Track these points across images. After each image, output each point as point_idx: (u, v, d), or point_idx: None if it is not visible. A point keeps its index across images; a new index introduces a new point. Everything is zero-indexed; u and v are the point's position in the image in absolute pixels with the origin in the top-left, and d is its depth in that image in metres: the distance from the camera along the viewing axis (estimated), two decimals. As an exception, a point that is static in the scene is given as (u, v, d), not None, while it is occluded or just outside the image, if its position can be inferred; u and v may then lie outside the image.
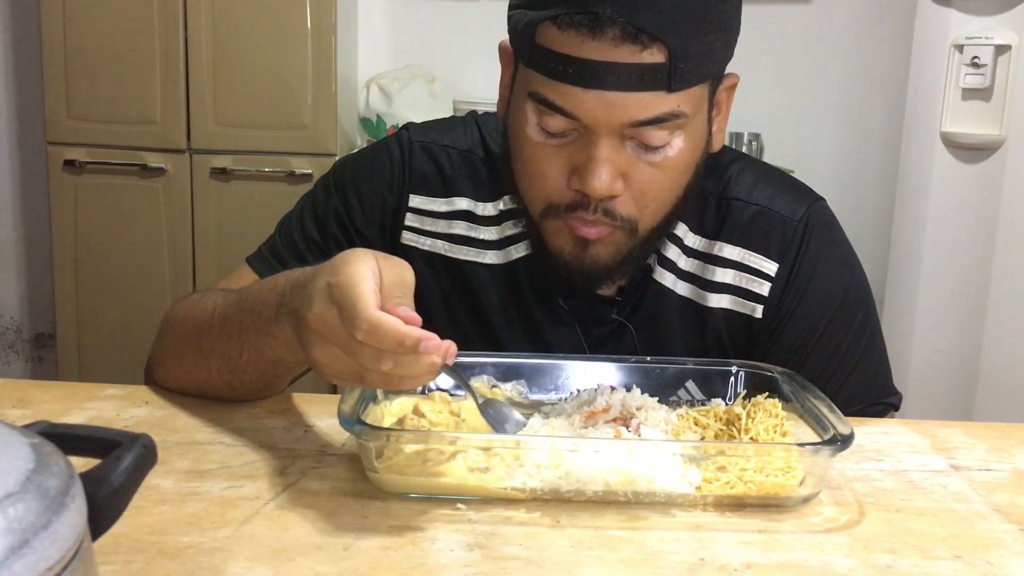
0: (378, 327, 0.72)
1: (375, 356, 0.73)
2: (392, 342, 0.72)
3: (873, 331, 1.07)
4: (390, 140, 1.11)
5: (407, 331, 0.72)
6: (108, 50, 2.60)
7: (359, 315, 0.72)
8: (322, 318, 0.75)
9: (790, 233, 1.03)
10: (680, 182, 0.96)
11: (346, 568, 0.66)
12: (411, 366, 0.73)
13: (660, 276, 1.05)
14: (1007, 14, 2.13)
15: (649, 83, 0.87)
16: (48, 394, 0.98)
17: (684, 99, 0.90)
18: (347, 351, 0.74)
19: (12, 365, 3.17)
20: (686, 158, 0.94)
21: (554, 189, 0.94)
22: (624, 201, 0.93)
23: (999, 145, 2.16)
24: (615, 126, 0.89)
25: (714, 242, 1.04)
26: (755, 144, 2.78)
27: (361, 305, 0.72)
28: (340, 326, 0.74)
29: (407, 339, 0.71)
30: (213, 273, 2.63)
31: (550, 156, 0.93)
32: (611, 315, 1.06)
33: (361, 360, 0.74)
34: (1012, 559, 0.71)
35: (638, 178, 0.92)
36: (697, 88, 0.91)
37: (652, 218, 0.96)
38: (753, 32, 2.96)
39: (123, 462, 0.51)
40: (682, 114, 0.90)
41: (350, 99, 2.78)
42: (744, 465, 0.77)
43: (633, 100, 0.88)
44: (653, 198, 0.94)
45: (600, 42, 0.86)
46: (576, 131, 0.91)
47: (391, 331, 0.72)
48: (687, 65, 0.88)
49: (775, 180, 1.08)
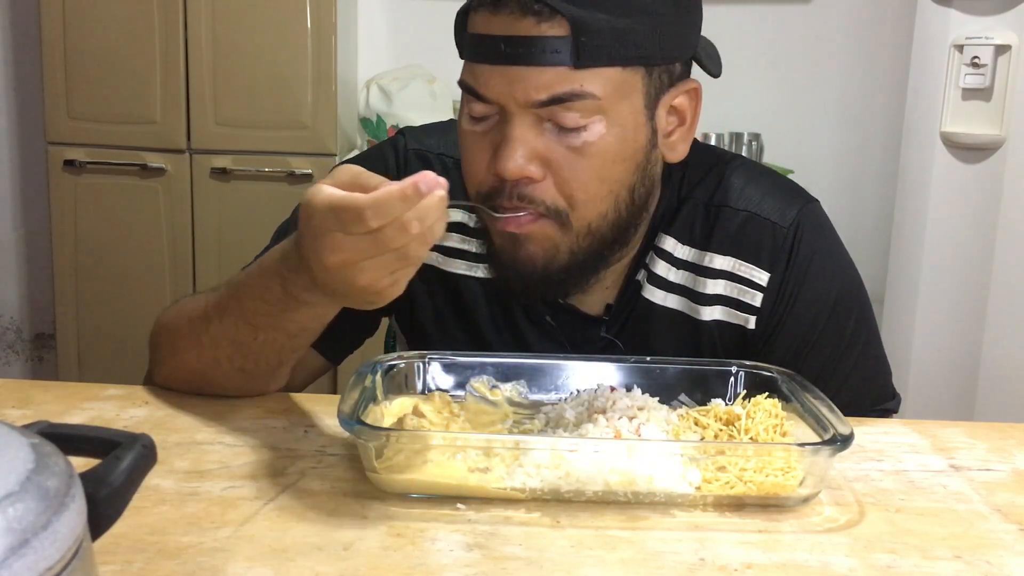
0: (379, 201, 0.73)
1: (401, 229, 0.74)
2: (400, 202, 0.73)
3: (868, 335, 1.06)
4: (385, 147, 1.11)
5: (402, 184, 0.73)
6: (108, 50, 2.60)
7: (359, 208, 0.73)
8: (335, 248, 0.76)
9: (780, 239, 1.01)
10: (608, 173, 0.92)
11: (346, 568, 0.66)
12: (430, 211, 0.74)
13: (650, 293, 1.03)
14: (1007, 14, 2.13)
15: (552, 57, 0.87)
16: (48, 394, 0.98)
17: (593, 80, 0.88)
18: (376, 250, 0.75)
19: (12, 365, 3.17)
20: (612, 147, 0.91)
21: (479, 177, 0.94)
22: (546, 188, 0.91)
23: (999, 145, 2.16)
24: (522, 103, 0.89)
25: (704, 252, 1.02)
26: (755, 144, 2.78)
27: (351, 202, 0.74)
28: (354, 240, 0.75)
29: (407, 188, 0.73)
30: (213, 273, 2.63)
31: (476, 143, 0.94)
32: (600, 333, 1.04)
33: (393, 243, 0.74)
34: (1012, 559, 0.71)
35: (559, 163, 0.91)
36: (615, 71, 0.89)
37: (584, 212, 0.93)
38: (753, 32, 2.99)
39: (123, 462, 0.51)
40: (589, 95, 0.88)
41: (350, 99, 2.78)
42: (744, 465, 0.77)
43: (535, 75, 0.88)
44: (578, 186, 0.91)
45: (503, 17, 0.88)
46: (497, 115, 0.92)
47: (392, 196, 0.73)
48: (592, 41, 0.87)
49: (765, 183, 1.05)
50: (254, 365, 0.94)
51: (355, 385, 0.83)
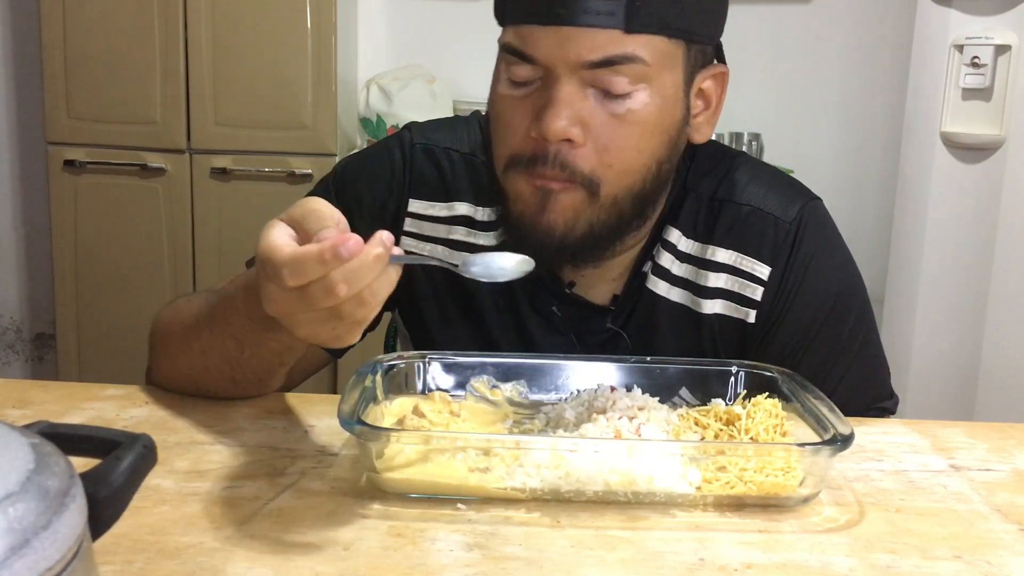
0: (295, 262, 0.69)
1: (326, 290, 0.69)
2: (315, 265, 0.68)
3: (867, 334, 1.06)
4: (391, 141, 1.10)
5: (320, 246, 0.68)
6: (108, 50, 2.60)
7: (277, 265, 0.69)
8: (271, 299, 0.73)
9: (782, 235, 1.02)
10: (646, 144, 0.93)
11: (346, 568, 0.66)
12: (360, 273, 0.69)
13: (654, 284, 1.04)
14: (1007, 14, 2.13)
15: (605, 19, 0.88)
16: (48, 394, 0.98)
17: (643, 46, 0.89)
18: (306, 306, 0.70)
19: (12, 365, 3.17)
20: (653, 116, 0.92)
21: (517, 140, 0.93)
22: (585, 154, 0.91)
23: (999, 145, 2.16)
24: (572, 64, 0.89)
25: (707, 246, 1.03)
26: (755, 144, 2.78)
27: (274, 256, 0.70)
28: (284, 293, 0.71)
29: (324, 253, 0.67)
30: (213, 273, 2.63)
31: (515, 107, 0.93)
32: (606, 324, 1.05)
33: (320, 303, 0.70)
34: (1012, 559, 0.71)
35: (600, 129, 0.91)
36: (661, 40, 0.90)
37: (615, 181, 0.93)
38: (753, 32, 2.99)
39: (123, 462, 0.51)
40: (639, 59, 0.89)
41: (350, 99, 2.78)
42: (744, 465, 0.77)
43: (588, 36, 0.88)
44: (616, 155, 0.92)
45: None
46: (540, 79, 0.92)
47: (308, 257, 0.68)
48: (644, 7, 0.88)
49: (769, 179, 1.06)
50: (242, 376, 0.93)
51: (355, 385, 0.83)
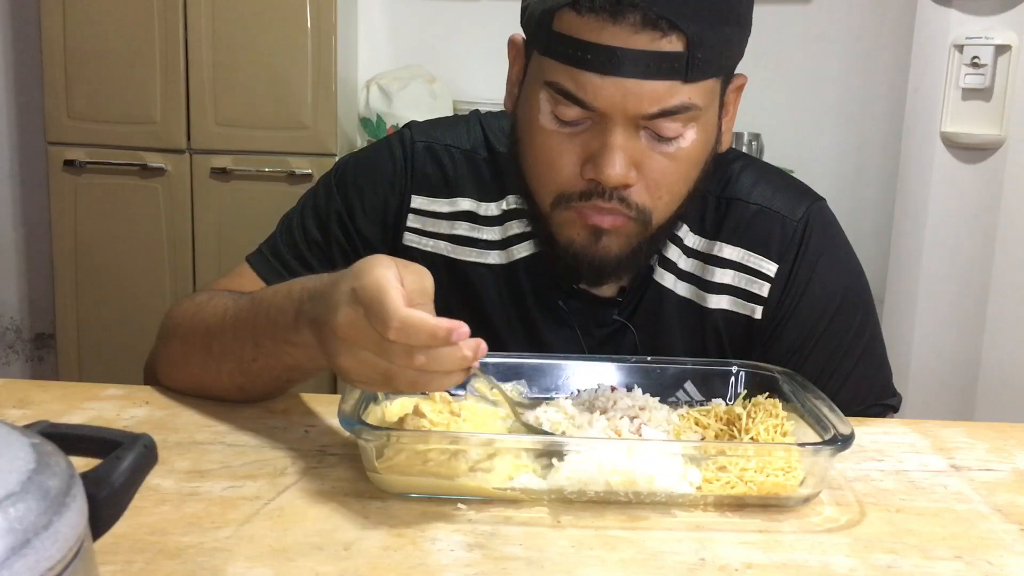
0: (409, 322, 0.71)
1: (407, 353, 0.72)
2: (425, 335, 0.71)
3: (872, 332, 1.07)
4: (392, 139, 1.10)
5: (438, 322, 0.71)
6: (108, 50, 2.60)
7: (390, 313, 0.71)
8: (350, 323, 0.74)
9: (790, 233, 1.03)
10: (691, 175, 0.96)
11: (346, 568, 0.66)
12: (443, 360, 0.72)
13: (660, 277, 1.05)
14: (1007, 14, 2.13)
15: (667, 72, 0.87)
16: (48, 394, 0.98)
17: (698, 91, 0.90)
18: (377, 352, 0.73)
19: (12, 365, 3.17)
20: (698, 152, 0.94)
21: (567, 179, 0.93)
22: (638, 191, 0.93)
23: (999, 145, 2.16)
24: (631, 115, 0.89)
25: (714, 242, 1.04)
26: (755, 144, 2.78)
27: (391, 303, 0.72)
28: (369, 328, 0.73)
29: (439, 330, 0.71)
30: (213, 273, 2.63)
31: (563, 145, 0.93)
32: (612, 316, 1.06)
33: (393, 360, 0.73)
34: (1012, 559, 0.71)
35: (651, 168, 0.92)
36: (711, 81, 0.91)
37: (664, 211, 0.96)
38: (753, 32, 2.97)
39: (124, 462, 0.51)
40: (695, 107, 0.90)
41: (350, 99, 2.78)
42: (744, 465, 0.77)
43: (650, 88, 0.88)
44: (667, 190, 0.94)
45: (620, 28, 0.86)
46: (590, 119, 0.91)
47: (423, 324, 0.71)
48: (704, 56, 0.88)
49: (776, 180, 1.07)
50: (251, 386, 0.93)
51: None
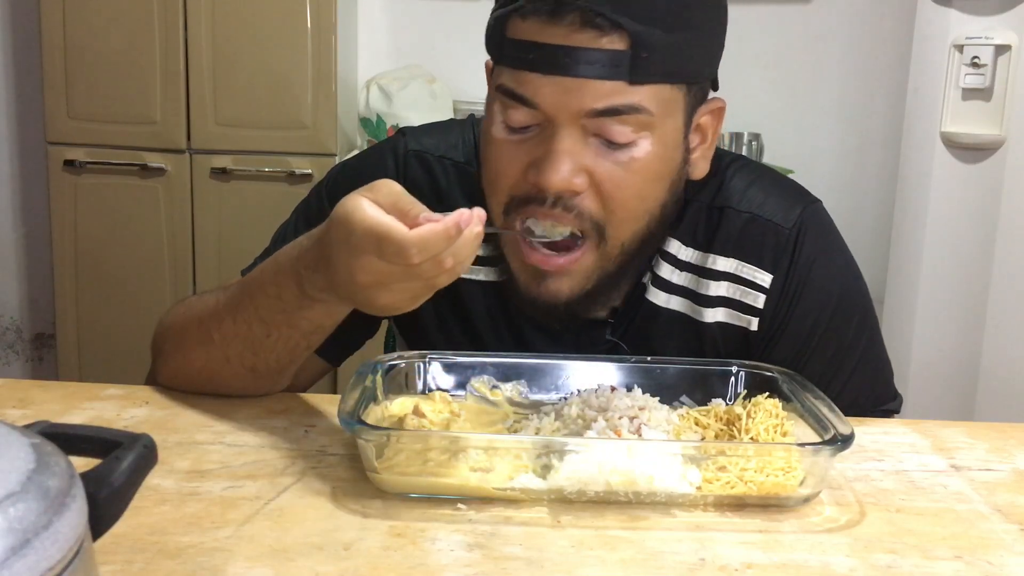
0: (425, 240, 0.75)
1: (436, 264, 0.76)
2: (442, 241, 0.75)
3: (871, 335, 1.05)
4: (384, 148, 1.09)
5: (445, 223, 0.75)
6: (108, 50, 2.60)
7: (403, 245, 0.75)
8: (371, 271, 0.78)
9: (783, 241, 1.01)
10: (649, 192, 0.93)
11: (346, 568, 0.66)
12: (465, 248, 0.76)
13: (654, 296, 1.03)
14: (1007, 14, 2.13)
15: (610, 71, 0.86)
16: (48, 394, 0.98)
17: (648, 96, 0.88)
18: (408, 278, 0.77)
19: (12, 365, 3.17)
20: (655, 166, 0.92)
21: (513, 184, 0.93)
22: (588, 199, 0.91)
23: (999, 145, 2.16)
24: (574, 113, 0.88)
25: (707, 254, 1.02)
26: (755, 144, 2.78)
27: (397, 236, 0.75)
28: (389, 265, 0.76)
29: (450, 230, 0.75)
30: (213, 273, 2.63)
31: (512, 152, 0.92)
32: (605, 336, 1.04)
33: (426, 275, 0.77)
34: (1012, 559, 0.71)
35: (602, 176, 0.90)
36: (665, 88, 0.90)
37: (621, 228, 0.93)
38: (753, 32, 2.99)
39: (124, 462, 0.51)
40: (644, 110, 0.88)
41: (350, 99, 2.78)
42: (744, 465, 0.77)
43: (592, 87, 0.87)
44: (620, 203, 0.91)
45: (560, 27, 0.86)
46: (539, 126, 0.91)
47: (435, 234, 0.75)
48: (651, 57, 0.87)
49: (767, 183, 1.04)
50: (264, 364, 0.93)
51: (355, 385, 0.83)
